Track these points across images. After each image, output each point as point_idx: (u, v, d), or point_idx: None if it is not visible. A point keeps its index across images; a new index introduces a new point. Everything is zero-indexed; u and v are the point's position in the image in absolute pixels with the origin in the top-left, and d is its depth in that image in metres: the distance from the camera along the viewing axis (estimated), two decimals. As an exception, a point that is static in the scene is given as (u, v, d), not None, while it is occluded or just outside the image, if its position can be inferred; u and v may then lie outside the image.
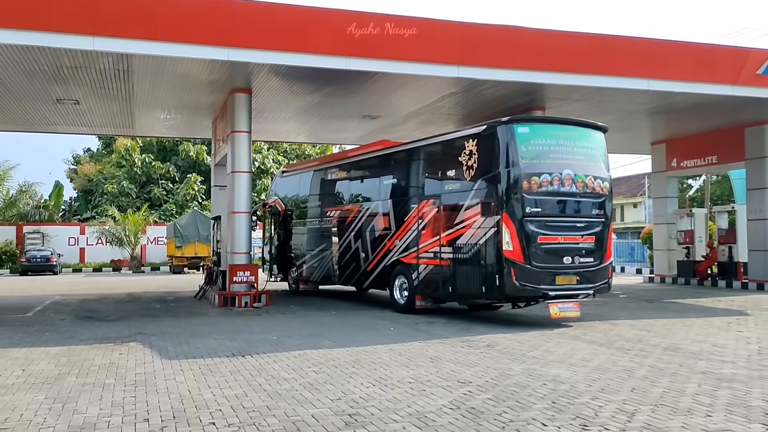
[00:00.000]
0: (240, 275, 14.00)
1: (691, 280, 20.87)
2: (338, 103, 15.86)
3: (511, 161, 10.45)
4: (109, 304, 15.39)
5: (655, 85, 14.25)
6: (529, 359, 7.81)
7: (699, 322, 11.45)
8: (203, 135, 22.00)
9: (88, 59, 12.00)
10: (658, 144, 22.54)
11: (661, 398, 5.87)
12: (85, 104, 16.03)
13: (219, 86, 14.26)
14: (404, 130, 18.91)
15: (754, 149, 19.02)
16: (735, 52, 14.75)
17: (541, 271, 10.39)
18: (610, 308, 13.63)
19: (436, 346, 8.76)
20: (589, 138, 11.27)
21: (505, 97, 15.37)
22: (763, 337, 9.60)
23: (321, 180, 16.60)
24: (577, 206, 10.89)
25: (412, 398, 5.90)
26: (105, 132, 25.29)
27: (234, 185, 14.70)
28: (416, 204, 12.41)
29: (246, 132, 14.61)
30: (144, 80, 13.75)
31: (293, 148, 43.05)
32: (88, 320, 12.09)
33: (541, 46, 13.44)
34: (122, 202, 39.26)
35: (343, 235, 14.90)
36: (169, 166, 41.05)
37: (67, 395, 6.12)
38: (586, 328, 10.52)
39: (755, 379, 6.71)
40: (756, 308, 13.67)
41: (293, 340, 9.36)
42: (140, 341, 9.39)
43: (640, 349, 8.52)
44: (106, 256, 34.10)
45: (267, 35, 11.79)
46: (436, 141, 12.49)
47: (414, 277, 12.26)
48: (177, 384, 6.55)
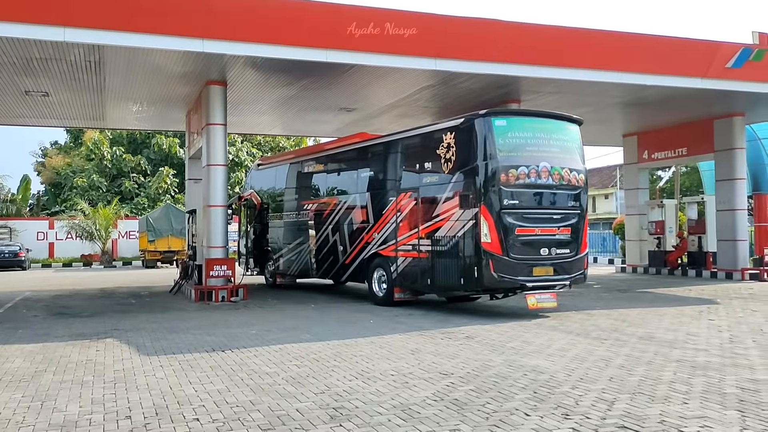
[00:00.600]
0: (217, 269, 13.90)
1: (662, 269, 21.25)
2: (315, 95, 15.79)
3: (489, 154, 10.52)
4: (82, 299, 15.17)
5: (627, 78, 14.43)
6: (508, 350, 7.90)
7: (671, 311, 11.67)
8: (176, 127, 21.73)
9: (58, 50, 11.78)
10: (630, 136, 22.86)
11: (639, 386, 5.99)
12: (55, 96, 15.74)
13: (193, 78, 14.09)
14: (380, 123, 18.90)
15: (723, 141, 19.38)
16: (705, 45, 14.96)
17: (518, 263, 10.50)
18: (585, 298, 13.82)
19: (417, 339, 8.82)
20: (565, 131, 11.39)
21: (481, 90, 15.44)
22: (733, 326, 9.82)
23: (298, 173, 16.54)
24: (553, 198, 11.01)
25: (395, 391, 5.93)
26: (75, 124, 24.84)
27: (210, 178, 14.57)
28: (394, 197, 12.44)
29: (221, 124, 14.48)
30: (116, 72, 13.54)
31: (267, 140, 42.78)
32: (62, 316, 11.92)
33: (516, 39, 13.53)
34: (92, 195, 38.65)
35: (320, 228, 14.87)
36: (140, 159, 40.49)
37: (46, 393, 6.03)
38: (563, 319, 10.66)
39: (728, 366, 6.86)
40: (725, 297, 13.97)
41: (273, 334, 9.34)
42: (117, 337, 9.29)
43: (616, 339, 8.67)
44: (76, 251, 33.58)
45: (243, 27, 11.67)
46: (414, 134, 12.51)
47: (393, 270, 12.29)
48: (157, 380, 6.50)
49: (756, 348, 7.94)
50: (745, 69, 14.91)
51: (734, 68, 14.89)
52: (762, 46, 15.08)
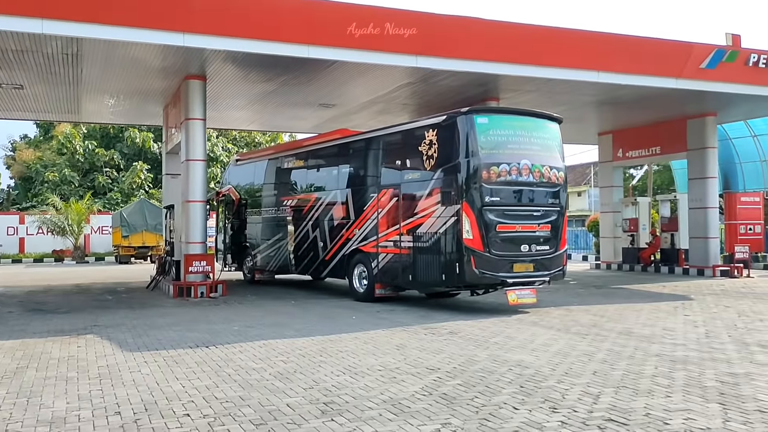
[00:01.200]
0: (196, 265, 13.80)
1: (636, 266, 21.61)
2: (294, 91, 15.74)
3: (471, 151, 10.61)
4: (58, 295, 14.96)
5: (604, 77, 14.61)
6: (492, 345, 7.99)
7: (647, 307, 11.89)
8: (153, 122, 21.46)
9: (35, 43, 11.58)
10: (605, 135, 23.17)
11: (622, 380, 6.11)
12: (30, 89, 15.46)
13: (172, 72, 13.96)
14: (359, 119, 18.92)
15: (696, 140, 19.75)
16: (680, 46, 15.22)
17: (499, 259, 10.61)
18: (563, 294, 14.01)
19: (400, 334, 8.87)
20: (545, 129, 11.52)
21: (461, 88, 15.53)
22: (708, 321, 10.04)
23: (278, 168, 16.48)
24: (534, 195, 11.14)
25: (384, 385, 5.98)
26: (49, 118, 24.42)
27: (188, 174, 14.45)
28: (376, 193, 12.47)
29: (201, 119, 14.37)
30: (93, 65, 13.34)
31: (243, 135, 42.48)
32: (38, 312, 11.74)
33: (496, 38, 13.62)
34: (64, 190, 38.01)
35: (300, 224, 14.85)
36: (113, 154, 39.91)
37: (30, 389, 5.97)
38: (543, 314, 10.81)
39: (707, 360, 7.03)
40: (698, 293, 14.27)
41: (256, 330, 9.32)
42: (97, 333, 9.19)
43: (596, 334, 8.82)
44: (48, 246, 32.99)
45: (224, 21, 11.56)
46: (396, 130, 12.56)
47: (374, 266, 12.33)
48: (143, 376, 6.46)
49: (732, 342, 8.14)
50: (719, 70, 15.21)
51: (708, 69, 15.17)
52: (735, 48, 15.40)
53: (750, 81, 15.71)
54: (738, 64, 15.41)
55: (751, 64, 15.48)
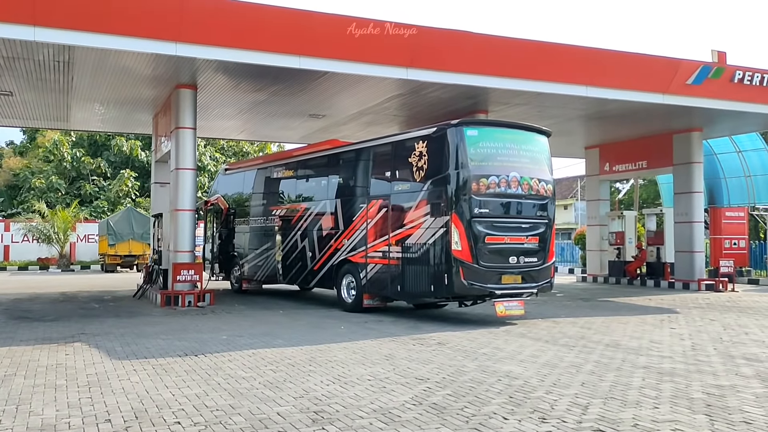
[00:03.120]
0: (184, 274, 13.76)
1: (622, 279, 21.79)
2: (284, 101, 15.80)
3: (461, 163, 10.69)
4: (44, 303, 14.85)
5: (592, 92, 14.80)
6: (480, 356, 8.03)
7: (634, 319, 12.00)
8: (142, 130, 21.43)
9: (27, 50, 11.58)
10: (592, 148, 23.39)
11: (610, 392, 6.17)
12: (19, 96, 15.41)
13: (163, 81, 13.98)
14: (349, 130, 18.99)
15: (682, 155, 19.99)
16: (667, 62, 15.44)
17: (488, 271, 10.67)
18: (550, 306, 14.10)
19: (389, 344, 8.90)
20: (534, 142, 11.64)
21: (450, 100, 15.66)
22: (694, 334, 10.15)
23: (267, 178, 16.49)
24: (522, 208, 11.21)
25: (374, 395, 6.00)
26: (38, 125, 24.27)
27: (178, 182, 14.43)
28: (365, 204, 12.51)
29: (191, 128, 14.38)
30: (84, 73, 13.33)
31: (231, 145, 42.45)
32: (25, 320, 11.66)
33: (486, 51, 13.75)
34: (51, 198, 37.74)
35: (289, 234, 14.86)
36: (100, 162, 39.72)
37: (19, 397, 5.93)
38: (530, 326, 10.87)
39: (693, 373, 7.11)
40: (684, 306, 14.40)
41: (244, 339, 9.31)
42: (85, 341, 9.14)
43: (584, 346, 8.89)
44: (33, 254, 32.75)
45: (216, 31, 11.62)
46: (386, 142, 12.63)
47: (362, 276, 12.36)
48: (132, 384, 6.44)
49: (717, 355, 8.23)
50: (705, 86, 15.46)
51: (694, 85, 15.41)
52: (721, 65, 15.66)
53: (735, 97, 15.98)
54: (723, 81, 15.66)
55: (737, 81, 15.74)
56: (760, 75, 15.92)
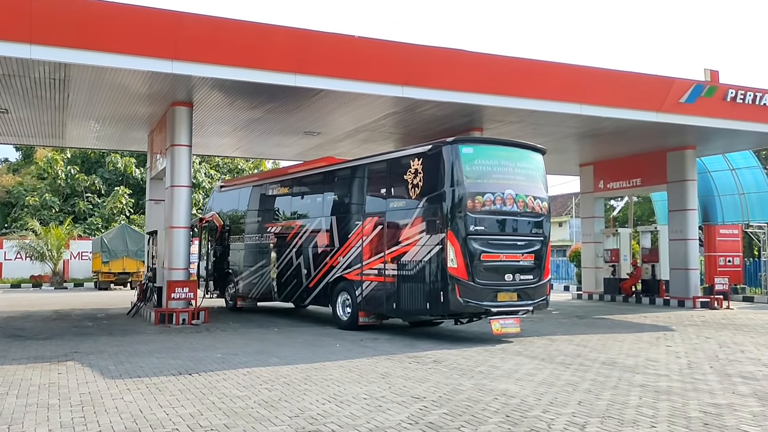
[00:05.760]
0: (178, 291, 13.68)
1: (617, 296, 21.76)
2: (279, 119, 15.83)
3: (456, 180, 10.71)
4: (37, 321, 14.73)
5: (587, 110, 14.86)
6: (477, 374, 8.00)
7: (630, 337, 11.97)
8: (137, 147, 21.42)
9: (23, 67, 11.58)
10: (587, 166, 23.49)
11: (607, 410, 6.14)
12: (15, 113, 15.39)
13: (159, 99, 13.99)
14: (344, 147, 19.02)
15: (676, 173, 20.08)
16: (660, 80, 15.55)
17: (483, 288, 10.65)
18: (546, 324, 14.07)
19: (385, 363, 8.85)
20: (529, 159, 11.68)
21: (445, 118, 15.72)
22: (690, 352, 10.13)
23: (262, 195, 16.48)
24: (518, 225, 11.23)
25: (369, 414, 5.96)
26: (33, 142, 24.22)
27: (173, 200, 14.40)
28: (360, 221, 12.50)
29: (187, 146, 14.37)
30: (80, 90, 13.34)
31: (226, 162, 42.45)
32: (17, 339, 11.56)
33: (481, 69, 13.82)
34: (44, 215, 37.57)
35: (284, 251, 14.82)
36: (94, 179, 39.62)
37: (11, 416, 5.87)
38: (526, 344, 10.83)
39: (690, 391, 7.09)
40: (680, 324, 14.39)
41: (239, 358, 9.25)
42: (78, 360, 9.07)
43: (580, 364, 8.86)
44: (26, 272, 32.52)
45: (212, 49, 11.65)
46: (382, 159, 12.65)
47: (358, 294, 12.32)
48: (126, 403, 6.38)
49: (713, 373, 8.21)
50: (698, 104, 15.56)
51: (687, 103, 15.51)
52: (713, 83, 15.77)
53: (728, 116, 16.09)
54: (716, 99, 15.77)
55: (729, 99, 15.85)
56: (753, 93, 16.05)
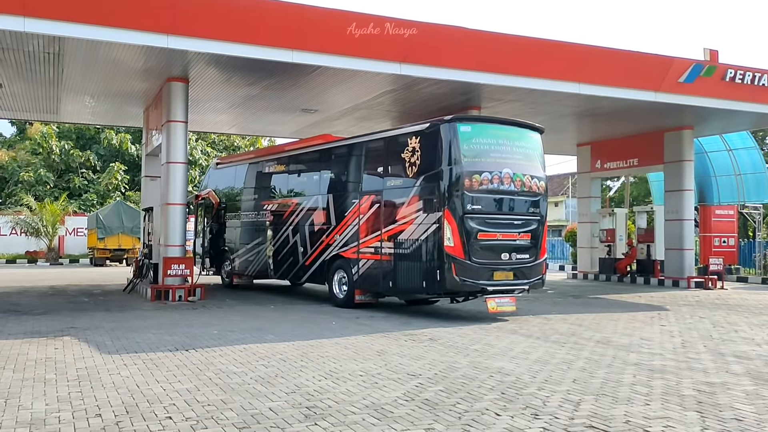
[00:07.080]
0: (174, 268, 13.69)
1: (612, 276, 21.86)
2: (276, 95, 15.73)
3: (454, 159, 10.67)
4: (32, 297, 14.74)
5: (585, 89, 14.79)
6: (472, 352, 8.03)
7: (624, 316, 12.04)
8: (133, 123, 21.29)
9: (17, 41, 11.46)
10: (584, 146, 23.44)
11: (602, 388, 6.18)
12: (9, 88, 15.27)
13: (155, 74, 13.88)
14: (341, 125, 18.94)
15: (673, 153, 20.07)
16: (659, 60, 15.46)
17: (480, 267, 10.67)
18: (541, 303, 14.13)
19: (381, 340, 8.88)
20: (527, 138, 11.64)
21: (443, 96, 15.63)
22: (684, 331, 10.19)
23: (259, 173, 16.42)
24: (515, 204, 11.22)
25: (366, 391, 5.99)
26: (27, 117, 24.03)
27: (169, 176, 14.35)
28: (357, 199, 12.48)
29: (183, 122, 14.30)
30: (75, 65, 13.23)
31: (222, 139, 42.27)
32: (13, 314, 11.57)
33: (480, 47, 13.74)
34: (39, 191, 37.46)
35: (280, 229, 14.81)
36: (89, 155, 39.44)
37: (8, 390, 5.88)
38: (522, 323, 10.88)
39: (683, 370, 7.14)
40: (674, 304, 14.47)
41: (235, 335, 9.27)
42: (74, 335, 9.08)
43: (575, 342, 8.91)
44: (21, 247, 32.57)
45: (209, 24, 11.54)
46: (379, 137, 12.59)
47: (354, 272, 12.33)
48: (123, 378, 6.40)
49: (707, 353, 8.27)
50: (696, 84, 15.51)
51: (686, 83, 15.45)
52: (712, 63, 15.70)
53: (726, 96, 16.04)
54: (715, 79, 15.71)
55: (728, 79, 15.80)
56: (752, 74, 16.00)
